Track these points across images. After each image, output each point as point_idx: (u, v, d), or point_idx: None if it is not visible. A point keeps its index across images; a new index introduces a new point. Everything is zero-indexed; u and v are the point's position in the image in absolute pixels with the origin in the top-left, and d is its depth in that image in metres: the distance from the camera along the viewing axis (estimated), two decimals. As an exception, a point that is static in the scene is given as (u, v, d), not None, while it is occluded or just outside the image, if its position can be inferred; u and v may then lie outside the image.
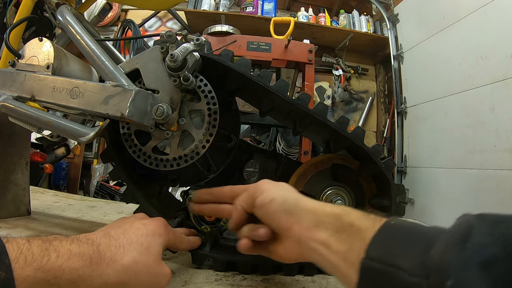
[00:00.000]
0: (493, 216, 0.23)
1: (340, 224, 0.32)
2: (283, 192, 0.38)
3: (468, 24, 1.61)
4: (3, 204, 0.66)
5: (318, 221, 0.33)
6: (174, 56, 0.42)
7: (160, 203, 0.55)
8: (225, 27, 1.50)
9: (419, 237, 0.26)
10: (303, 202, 0.36)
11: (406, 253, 0.25)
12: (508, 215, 0.22)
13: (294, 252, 0.37)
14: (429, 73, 1.91)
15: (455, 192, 1.61)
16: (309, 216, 0.34)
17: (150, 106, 0.44)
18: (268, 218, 0.37)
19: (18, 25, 0.57)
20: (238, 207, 0.41)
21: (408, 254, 0.25)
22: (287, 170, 0.56)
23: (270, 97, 0.49)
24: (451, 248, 0.22)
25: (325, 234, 0.32)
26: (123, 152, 0.50)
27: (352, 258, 0.29)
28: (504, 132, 1.37)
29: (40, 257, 0.25)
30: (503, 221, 0.22)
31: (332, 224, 0.32)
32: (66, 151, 1.99)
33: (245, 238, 0.40)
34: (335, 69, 2.60)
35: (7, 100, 0.49)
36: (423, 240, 0.25)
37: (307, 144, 1.50)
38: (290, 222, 0.35)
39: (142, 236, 0.34)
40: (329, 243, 0.31)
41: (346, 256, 0.30)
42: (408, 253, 0.25)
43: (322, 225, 0.33)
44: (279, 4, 2.55)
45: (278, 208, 0.36)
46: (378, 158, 0.48)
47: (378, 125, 2.66)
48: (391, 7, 2.30)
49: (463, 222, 0.23)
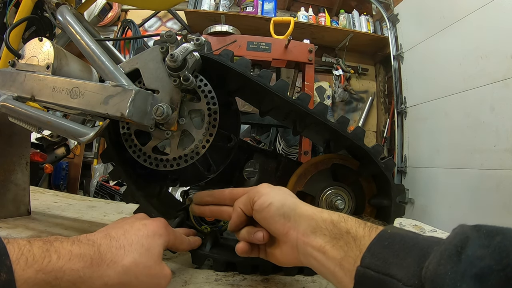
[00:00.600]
0: (488, 227, 0.23)
1: (337, 230, 0.32)
2: (281, 196, 0.38)
3: (468, 24, 1.61)
4: (3, 204, 0.66)
5: (315, 227, 0.34)
6: (174, 56, 0.42)
7: (160, 203, 0.55)
8: (225, 27, 1.50)
9: (414, 247, 0.26)
10: (301, 207, 0.37)
11: (401, 263, 0.25)
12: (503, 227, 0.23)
13: (291, 256, 0.37)
14: (429, 73, 1.91)
15: (455, 192, 1.61)
16: (306, 222, 0.35)
17: (150, 106, 0.44)
18: (266, 222, 0.38)
19: (18, 25, 0.57)
20: (237, 210, 0.41)
21: (403, 263, 0.25)
22: (287, 170, 0.56)
23: (270, 97, 0.48)
24: (446, 260, 0.22)
25: (321, 240, 0.33)
26: (123, 152, 0.50)
27: (348, 265, 0.29)
28: (504, 132, 1.37)
29: (41, 258, 0.25)
30: (499, 233, 0.22)
31: (329, 231, 0.33)
32: (66, 151, 1.99)
33: (243, 241, 0.41)
34: (335, 69, 2.60)
35: (7, 100, 0.49)
36: (419, 250, 0.25)
37: (307, 144, 1.50)
38: (287, 227, 0.36)
39: (142, 237, 0.34)
40: (326, 249, 0.32)
41: (342, 263, 0.30)
42: (403, 262, 0.25)
43: (319, 231, 0.33)
44: (279, 4, 2.55)
45: (275, 212, 0.37)
46: (378, 158, 0.48)
47: (378, 125, 2.66)
48: (391, 7, 2.30)
49: (458, 234, 0.24)
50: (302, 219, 0.35)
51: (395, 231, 0.29)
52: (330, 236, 0.32)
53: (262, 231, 0.39)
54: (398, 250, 0.27)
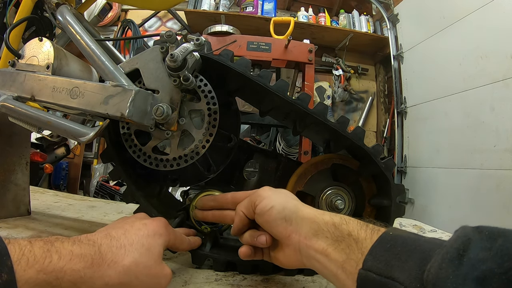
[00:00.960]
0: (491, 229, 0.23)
1: (338, 233, 0.32)
2: (282, 199, 0.38)
3: (468, 24, 1.61)
4: (3, 204, 0.66)
5: (317, 229, 0.34)
6: (174, 56, 0.42)
7: (160, 203, 0.55)
8: (225, 27, 1.50)
9: (416, 250, 0.26)
10: (302, 210, 0.37)
11: (403, 266, 0.25)
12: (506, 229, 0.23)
13: (294, 259, 0.37)
14: (429, 73, 1.91)
15: (455, 192, 1.61)
16: (308, 225, 0.35)
17: (150, 106, 0.44)
18: (268, 226, 0.38)
19: (18, 25, 0.57)
20: (239, 214, 0.41)
21: (405, 266, 0.25)
22: (287, 170, 0.56)
23: (270, 97, 0.48)
24: (448, 263, 0.22)
25: (324, 243, 0.33)
26: (123, 152, 0.50)
27: (350, 268, 0.29)
28: (504, 132, 1.37)
29: (42, 258, 0.25)
30: (501, 235, 0.22)
31: (331, 233, 0.33)
32: (66, 151, 1.99)
33: (246, 245, 0.41)
34: (335, 69, 2.60)
35: (7, 100, 0.49)
36: (421, 253, 0.25)
37: (307, 144, 1.50)
38: (289, 230, 0.36)
39: (143, 236, 0.34)
40: (328, 252, 0.32)
41: (345, 266, 0.30)
42: (405, 265, 0.25)
43: (321, 233, 0.33)
44: (279, 4, 2.55)
45: (277, 216, 0.37)
46: (378, 158, 0.48)
47: (378, 125, 2.66)
48: (391, 7, 2.30)
49: (460, 236, 0.24)
50: (304, 222, 0.35)
51: (397, 233, 0.29)
52: (332, 239, 0.32)
53: (265, 234, 0.39)
54: (400, 252, 0.27)
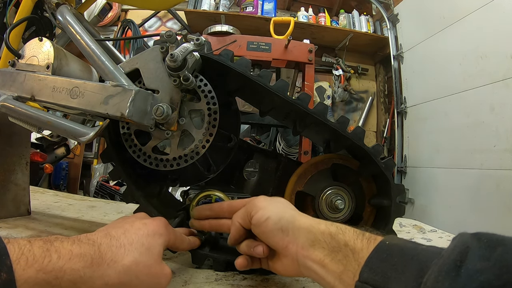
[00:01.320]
0: (490, 236, 0.22)
1: (335, 243, 0.32)
2: (278, 209, 0.38)
3: (468, 24, 1.61)
4: (3, 204, 0.66)
5: (314, 240, 0.34)
6: (174, 56, 0.42)
7: (160, 203, 0.55)
8: (225, 27, 1.50)
9: (413, 260, 0.26)
10: (299, 219, 0.37)
11: (400, 277, 0.25)
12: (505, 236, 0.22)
13: (292, 268, 0.37)
14: (429, 73, 1.91)
15: (455, 192, 1.61)
16: (305, 235, 0.35)
17: (150, 106, 0.44)
18: (265, 237, 0.38)
19: (18, 25, 0.57)
20: (235, 224, 0.41)
21: (402, 278, 0.25)
22: (287, 170, 0.56)
23: (270, 97, 0.48)
24: (445, 276, 0.21)
25: (321, 253, 0.33)
26: (123, 152, 0.50)
27: (347, 279, 0.29)
28: (504, 132, 1.37)
29: (42, 258, 0.25)
30: (500, 243, 0.22)
31: (327, 243, 0.33)
32: (66, 151, 1.99)
33: (242, 256, 0.41)
34: (335, 69, 2.60)
35: (7, 100, 0.49)
36: (417, 264, 0.25)
37: (307, 144, 1.50)
38: (286, 241, 0.36)
39: (143, 236, 0.34)
40: (325, 263, 0.32)
41: (342, 277, 0.30)
42: (402, 277, 0.25)
43: (317, 244, 0.33)
44: (279, 4, 2.55)
45: (273, 227, 0.37)
46: (378, 158, 0.48)
47: (378, 125, 2.66)
48: (391, 7, 2.30)
49: (457, 246, 0.23)
50: (301, 232, 0.35)
51: (393, 242, 0.29)
52: (328, 249, 0.32)
53: (262, 245, 0.39)
54: (397, 263, 0.26)
